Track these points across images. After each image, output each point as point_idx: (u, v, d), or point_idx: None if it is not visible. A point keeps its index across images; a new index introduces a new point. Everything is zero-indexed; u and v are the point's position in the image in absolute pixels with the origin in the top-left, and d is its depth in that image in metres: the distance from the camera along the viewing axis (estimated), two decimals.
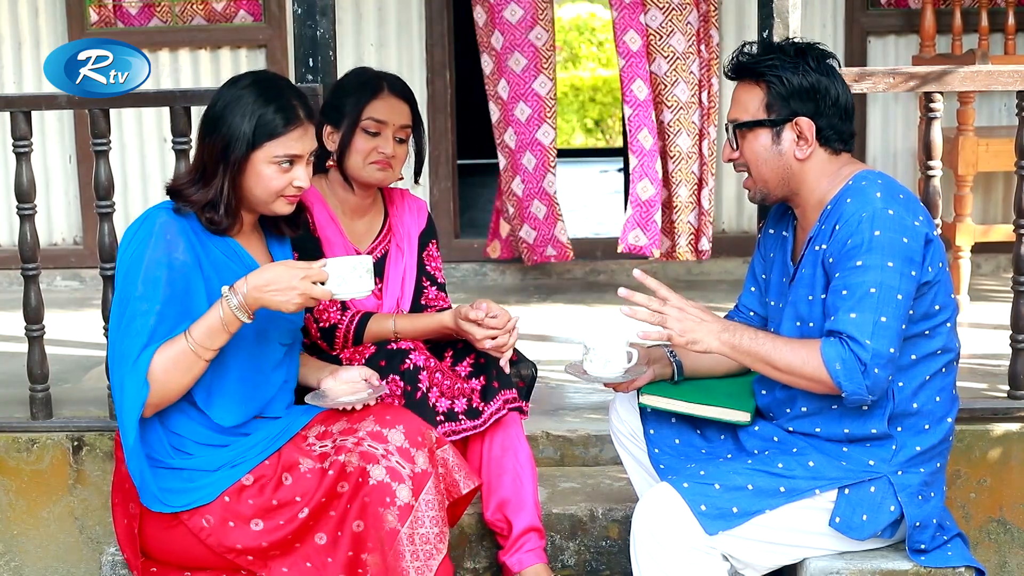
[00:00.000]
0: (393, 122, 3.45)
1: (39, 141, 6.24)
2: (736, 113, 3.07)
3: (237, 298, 2.89)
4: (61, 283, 6.52)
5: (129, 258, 2.95)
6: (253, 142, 2.96)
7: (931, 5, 6.00)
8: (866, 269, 2.86)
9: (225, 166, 2.96)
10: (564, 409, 4.31)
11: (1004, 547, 3.89)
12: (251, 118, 2.95)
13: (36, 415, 4.01)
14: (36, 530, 4.03)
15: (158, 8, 6.48)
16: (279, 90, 3.02)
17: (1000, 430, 3.85)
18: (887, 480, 3.00)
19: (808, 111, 3.00)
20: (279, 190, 3.01)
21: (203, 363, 2.92)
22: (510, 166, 6.04)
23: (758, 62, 3.02)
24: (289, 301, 2.89)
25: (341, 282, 2.94)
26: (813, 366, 2.88)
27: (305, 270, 2.90)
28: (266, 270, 2.92)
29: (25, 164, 3.89)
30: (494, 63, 6.01)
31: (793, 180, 3.05)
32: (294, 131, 2.99)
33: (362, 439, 3.02)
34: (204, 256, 3.00)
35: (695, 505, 2.92)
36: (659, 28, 5.80)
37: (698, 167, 5.90)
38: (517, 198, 6.07)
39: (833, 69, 3.05)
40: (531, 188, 6.03)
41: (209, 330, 2.90)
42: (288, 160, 2.99)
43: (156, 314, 2.90)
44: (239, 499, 2.99)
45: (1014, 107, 3.81)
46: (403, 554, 2.95)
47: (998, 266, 6.25)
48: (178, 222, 2.98)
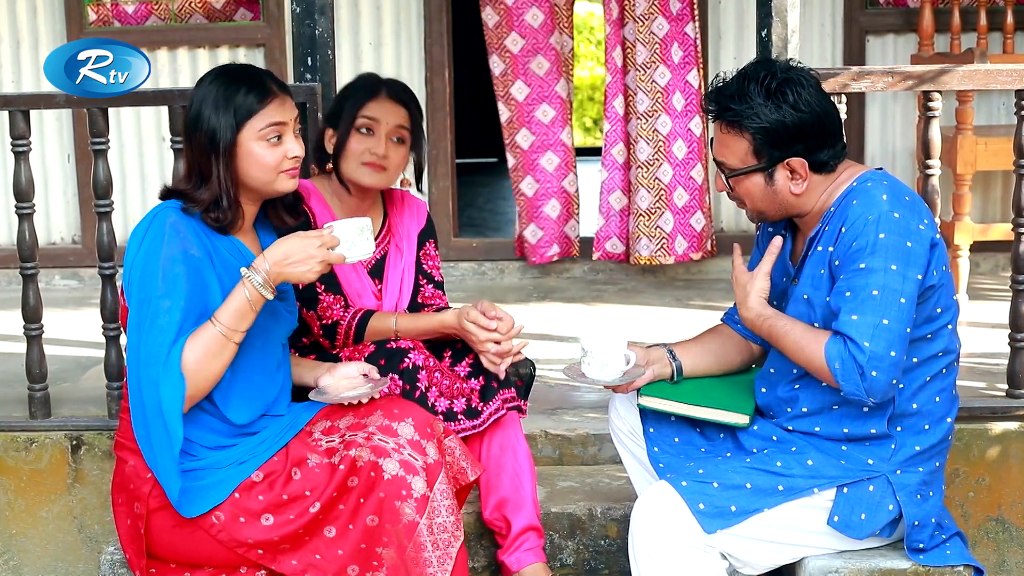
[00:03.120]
0: (387, 122, 3.45)
1: (38, 140, 6.24)
2: (724, 156, 3.03)
3: (260, 275, 2.93)
4: (60, 282, 6.52)
5: (143, 257, 2.95)
6: (236, 125, 2.98)
7: (930, 4, 6.00)
8: (870, 272, 2.86)
9: (216, 157, 2.98)
10: (563, 408, 4.30)
11: (1003, 546, 3.89)
12: (227, 105, 2.98)
13: (35, 414, 4.02)
14: (35, 529, 4.03)
15: (156, 7, 6.48)
16: (245, 72, 3.06)
17: (999, 429, 3.85)
18: (886, 479, 3.00)
19: (798, 151, 2.96)
20: (276, 165, 3.02)
21: (233, 346, 2.94)
22: (521, 166, 6.30)
23: (738, 115, 2.95)
24: (311, 270, 2.96)
25: (351, 245, 3.01)
26: (817, 361, 2.89)
27: (319, 238, 2.97)
28: (280, 244, 2.97)
29: (24, 163, 3.89)
30: (507, 64, 6.18)
31: (792, 209, 3.05)
32: (271, 103, 3.01)
33: (372, 434, 3.04)
34: (214, 253, 3.02)
35: (694, 504, 2.93)
36: (633, 40, 6.07)
37: (667, 173, 6.14)
38: (526, 198, 6.33)
39: (815, 96, 2.96)
40: (547, 187, 6.31)
41: (237, 312, 2.93)
42: (276, 133, 3.01)
43: (181, 310, 2.90)
44: (249, 495, 3.00)
45: (1012, 106, 3.80)
46: (424, 545, 2.98)
47: (997, 265, 6.26)
48: (186, 220, 3.00)
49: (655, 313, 5.68)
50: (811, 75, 3.00)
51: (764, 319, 3.03)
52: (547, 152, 6.27)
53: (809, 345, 2.92)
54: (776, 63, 3.01)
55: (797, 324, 2.98)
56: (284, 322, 3.17)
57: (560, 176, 6.30)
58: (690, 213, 6.18)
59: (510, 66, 6.21)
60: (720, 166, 3.06)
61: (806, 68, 3.01)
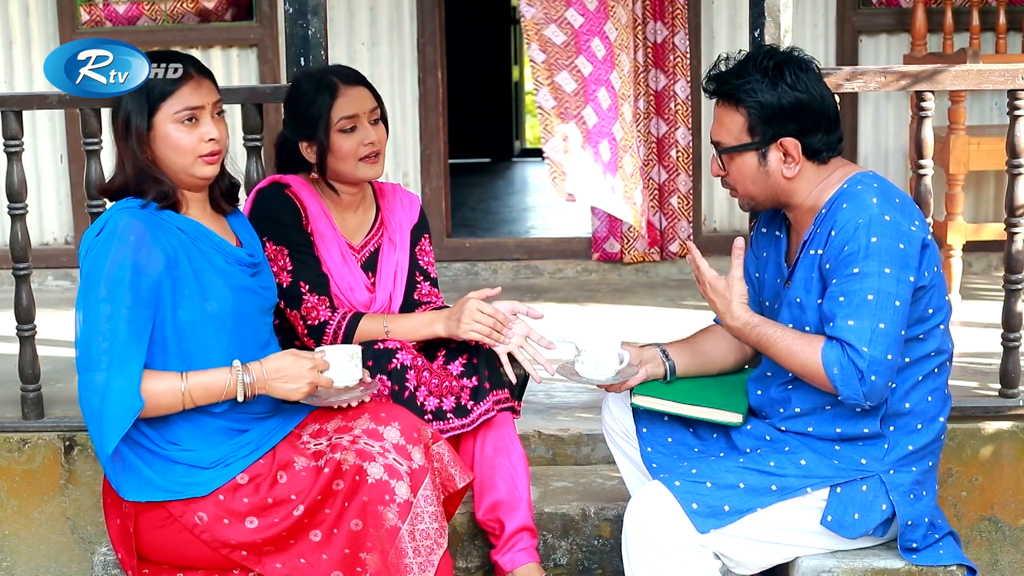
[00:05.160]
0: (363, 110, 3.44)
1: (30, 141, 6.24)
2: (719, 135, 3.05)
3: (251, 376, 2.97)
4: (52, 283, 6.52)
5: (90, 261, 2.94)
6: (150, 108, 2.98)
7: (922, 4, 6.00)
8: (863, 276, 2.86)
9: (135, 139, 2.98)
10: (556, 408, 4.31)
11: (995, 545, 3.90)
12: (140, 89, 2.99)
13: (27, 415, 4.01)
14: (28, 530, 4.02)
15: (148, 7, 6.47)
16: (161, 56, 3.05)
17: (991, 428, 3.86)
18: (879, 479, 3.00)
19: (792, 131, 2.96)
20: (192, 148, 3.00)
21: (183, 407, 2.97)
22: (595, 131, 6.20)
23: (735, 88, 2.97)
24: (298, 390, 3.01)
25: (340, 371, 3.06)
26: (813, 367, 2.89)
27: (311, 360, 3.01)
28: (277, 358, 3.01)
29: (16, 164, 3.88)
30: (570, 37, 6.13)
31: (783, 195, 3.04)
32: (185, 86, 3.00)
33: (358, 437, 3.03)
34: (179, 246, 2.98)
35: (687, 503, 2.93)
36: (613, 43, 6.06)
37: None
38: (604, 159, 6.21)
39: (814, 80, 2.98)
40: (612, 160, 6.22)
41: (207, 390, 2.96)
42: (190, 116, 2.99)
43: (124, 319, 2.89)
44: (234, 497, 2.99)
45: (1005, 106, 3.81)
46: (405, 551, 2.97)
47: (989, 265, 6.27)
48: (145, 216, 2.97)
49: (648, 313, 5.68)
50: (812, 62, 3.02)
51: (752, 327, 3.02)
52: (604, 140, 6.22)
53: (803, 351, 2.92)
54: (778, 48, 3.03)
55: (787, 331, 2.98)
56: (257, 298, 3.14)
57: (616, 160, 6.26)
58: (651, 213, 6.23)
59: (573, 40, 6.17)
60: (716, 147, 3.06)
61: (808, 57, 3.03)
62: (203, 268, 3.01)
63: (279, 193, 3.44)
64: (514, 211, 8.97)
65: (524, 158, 12.78)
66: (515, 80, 12.76)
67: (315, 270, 3.42)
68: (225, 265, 3.05)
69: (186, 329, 2.98)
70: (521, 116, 13.31)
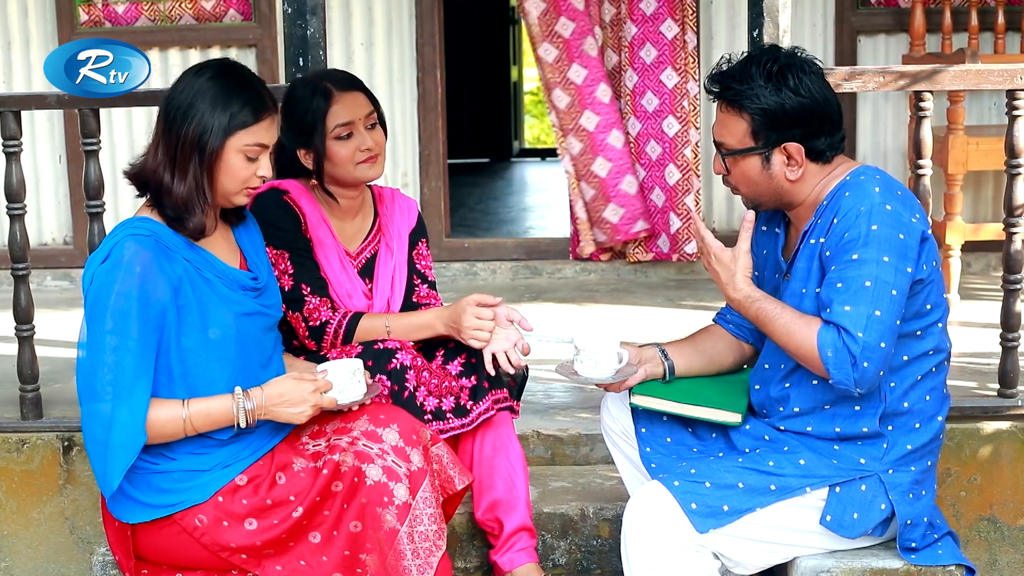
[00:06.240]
0: (359, 116, 3.43)
1: (29, 141, 6.24)
2: (722, 137, 3.04)
3: (252, 403, 2.95)
4: (51, 283, 6.51)
5: (96, 290, 2.91)
6: (227, 132, 2.93)
7: (921, 4, 6.01)
8: (862, 263, 2.86)
9: (200, 156, 2.93)
10: (555, 408, 4.31)
11: (994, 545, 3.90)
12: (223, 108, 2.92)
13: (26, 415, 4.01)
14: (26, 530, 4.02)
15: (146, 7, 6.47)
16: (247, 80, 3.01)
17: (990, 428, 3.86)
18: (878, 478, 3.00)
19: (795, 136, 2.96)
20: (246, 180, 2.99)
21: (185, 435, 2.96)
22: (589, 148, 6.23)
23: (739, 94, 2.96)
24: (302, 413, 2.99)
25: (343, 389, 3.05)
26: (808, 347, 2.89)
27: (313, 382, 2.99)
28: (278, 383, 2.99)
29: (15, 164, 3.88)
30: (561, 50, 6.22)
31: (786, 196, 3.05)
32: (264, 120, 2.97)
33: (356, 439, 3.03)
34: (184, 275, 2.96)
35: (686, 503, 2.93)
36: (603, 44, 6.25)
37: (641, 173, 6.26)
38: (600, 179, 6.27)
39: (817, 83, 2.98)
40: (621, 165, 6.26)
41: (210, 418, 2.95)
42: (256, 153, 2.97)
43: (133, 352, 2.87)
44: (233, 499, 2.99)
45: (1004, 106, 3.81)
46: (404, 553, 2.96)
47: (988, 265, 6.27)
48: (152, 241, 2.94)
49: (647, 313, 5.68)
50: (814, 63, 3.01)
51: (753, 301, 3.01)
52: (612, 131, 6.23)
53: (800, 331, 2.91)
54: (781, 49, 3.03)
55: (787, 309, 2.97)
56: (262, 319, 3.13)
57: (628, 153, 6.28)
58: (665, 214, 6.27)
59: (564, 52, 6.21)
60: (718, 147, 3.06)
61: (811, 57, 3.03)
62: (206, 296, 2.98)
63: (278, 199, 3.44)
64: (513, 211, 8.97)
65: (523, 158, 12.78)
66: (514, 80, 12.76)
67: (315, 272, 3.42)
68: (229, 293, 3.03)
69: (189, 356, 2.97)
70: (520, 116, 13.31)
